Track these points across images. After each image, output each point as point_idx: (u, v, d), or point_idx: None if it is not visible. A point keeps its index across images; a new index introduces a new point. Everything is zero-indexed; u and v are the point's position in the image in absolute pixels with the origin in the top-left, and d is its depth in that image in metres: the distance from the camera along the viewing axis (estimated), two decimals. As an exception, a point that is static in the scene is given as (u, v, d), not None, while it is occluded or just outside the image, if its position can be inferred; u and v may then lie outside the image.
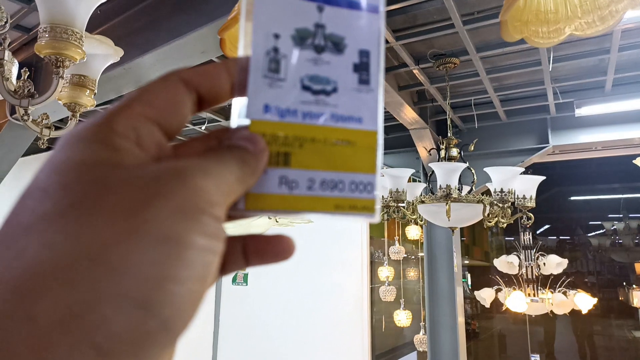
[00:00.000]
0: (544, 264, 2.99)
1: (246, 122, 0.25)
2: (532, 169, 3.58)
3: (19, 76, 1.29)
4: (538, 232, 4.81)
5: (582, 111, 2.72)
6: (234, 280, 4.82)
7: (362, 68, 0.28)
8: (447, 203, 2.12)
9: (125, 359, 0.16)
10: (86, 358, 0.15)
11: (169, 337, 0.17)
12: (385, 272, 3.96)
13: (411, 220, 2.40)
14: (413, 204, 2.34)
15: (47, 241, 0.17)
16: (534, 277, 3.03)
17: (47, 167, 0.19)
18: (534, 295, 2.96)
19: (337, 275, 4.65)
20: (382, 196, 2.35)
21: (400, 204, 2.31)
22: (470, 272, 5.38)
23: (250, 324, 5.09)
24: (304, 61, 0.27)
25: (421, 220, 2.48)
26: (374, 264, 4.56)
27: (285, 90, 0.26)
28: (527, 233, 3.12)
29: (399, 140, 3.53)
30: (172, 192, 0.18)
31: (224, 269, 0.24)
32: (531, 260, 3.03)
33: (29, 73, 1.25)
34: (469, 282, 5.68)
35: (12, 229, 0.18)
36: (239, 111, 0.25)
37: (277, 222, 2.60)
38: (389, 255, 4.05)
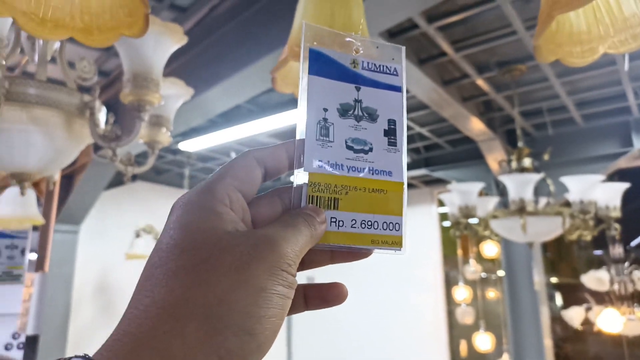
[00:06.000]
0: (639, 278, 2.73)
1: (305, 174, 0.33)
2: (618, 176, 3.31)
3: (106, 121, 1.42)
4: (632, 244, 4.40)
5: (670, 110, 2.49)
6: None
7: (390, 133, 0.36)
8: (521, 217, 2.02)
9: None
10: None
11: (260, 354, 0.26)
12: (461, 293, 3.80)
13: (483, 237, 2.31)
14: (485, 220, 2.25)
15: (188, 284, 0.25)
16: (629, 293, 2.76)
17: (178, 228, 0.28)
18: (630, 314, 2.70)
19: (410, 296, 4.53)
20: (451, 213, 2.29)
21: (471, 220, 2.24)
22: (559, 290, 5.01)
23: (323, 348, 5.07)
24: (347, 127, 0.35)
25: (496, 236, 2.38)
26: (449, 285, 4.39)
27: (333, 150, 0.34)
28: (618, 245, 2.87)
29: (467, 152, 3.42)
30: (265, 257, 0.27)
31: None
32: (623, 275, 2.77)
33: (115, 118, 1.40)
34: (558, 303, 5.30)
35: (163, 273, 0.26)
36: (298, 169, 0.33)
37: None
38: (464, 274, 3.88)
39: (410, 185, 4.52)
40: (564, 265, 4.87)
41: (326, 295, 0.33)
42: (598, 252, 4.58)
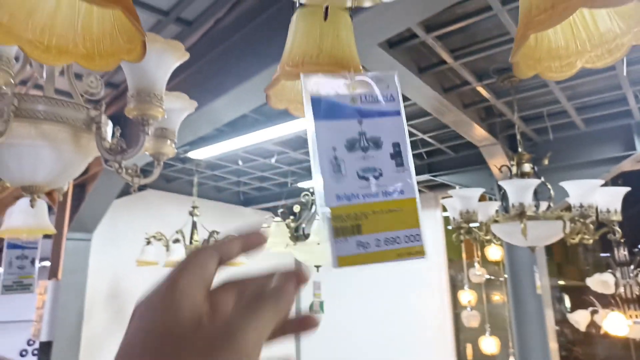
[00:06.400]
0: (645, 281, 2.72)
1: (327, 209, 0.37)
2: (622, 179, 3.31)
3: (113, 134, 1.48)
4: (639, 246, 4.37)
5: (670, 113, 2.50)
6: (310, 308, 4.90)
7: (396, 155, 0.41)
8: (521, 222, 2.04)
9: None
10: None
11: None
12: (466, 296, 3.81)
13: (485, 241, 2.33)
14: (486, 224, 2.27)
15: None
16: (635, 296, 2.76)
17: (140, 330, 0.29)
18: (636, 317, 2.70)
19: (416, 300, 4.53)
20: (453, 218, 2.32)
21: (472, 225, 2.26)
22: (566, 293, 4.99)
23: (331, 352, 5.09)
24: (356, 160, 0.40)
25: (497, 241, 2.39)
26: (455, 288, 4.40)
27: (347, 183, 0.39)
28: (622, 248, 2.87)
29: (469, 158, 3.44)
30: (223, 353, 0.27)
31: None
32: (629, 278, 2.77)
33: (120, 131, 1.46)
34: (567, 304, 5.27)
35: None
36: (319, 202, 0.38)
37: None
38: (469, 278, 3.89)
39: (414, 190, 4.53)
40: (570, 268, 4.85)
41: (299, 328, 0.34)
42: (606, 254, 4.55)
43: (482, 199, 2.43)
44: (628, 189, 2.03)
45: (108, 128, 1.44)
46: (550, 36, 0.84)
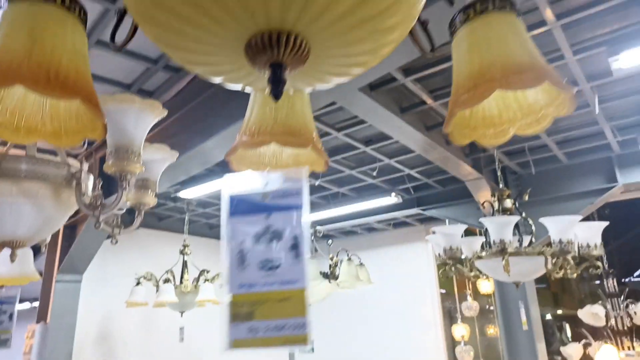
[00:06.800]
0: (635, 312, 2.71)
1: (229, 296, 0.42)
2: (608, 209, 3.34)
3: (94, 186, 1.52)
4: (636, 275, 4.35)
5: (645, 147, 2.55)
6: (299, 347, 4.82)
7: (295, 247, 0.45)
8: (503, 258, 2.06)
9: None
10: None
11: None
12: (460, 331, 3.77)
13: (472, 276, 2.34)
14: (470, 261, 2.29)
15: None
16: (626, 328, 2.74)
17: None
18: (630, 349, 2.68)
19: (410, 334, 4.46)
20: (438, 254, 2.33)
21: (457, 261, 2.28)
22: (568, 322, 4.94)
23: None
24: (260, 251, 0.45)
25: (483, 276, 2.40)
26: (450, 321, 4.35)
27: (249, 272, 0.44)
28: (612, 279, 2.87)
29: (456, 191, 3.48)
30: None
31: None
32: (619, 310, 2.76)
33: (102, 183, 1.50)
34: (569, 334, 5.20)
35: None
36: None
37: (338, 285, 2.66)
38: (461, 311, 3.86)
39: (404, 224, 4.57)
40: (567, 298, 4.81)
41: None
42: (599, 282, 4.53)
43: (471, 231, 2.45)
44: (606, 223, 2.05)
45: (89, 183, 1.48)
46: (485, 106, 0.89)
